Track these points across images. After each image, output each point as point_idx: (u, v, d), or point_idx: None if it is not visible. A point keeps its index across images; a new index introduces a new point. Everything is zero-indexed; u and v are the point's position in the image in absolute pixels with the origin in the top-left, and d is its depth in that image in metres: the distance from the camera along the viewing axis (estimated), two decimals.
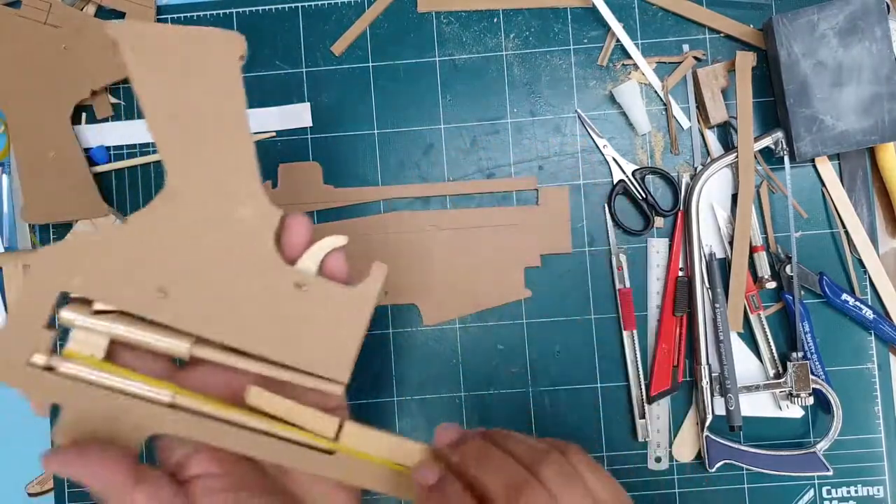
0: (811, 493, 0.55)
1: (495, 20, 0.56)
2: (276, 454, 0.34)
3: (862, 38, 0.50)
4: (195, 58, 0.34)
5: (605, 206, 0.56)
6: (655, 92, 0.56)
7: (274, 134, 0.57)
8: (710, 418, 0.53)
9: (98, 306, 0.35)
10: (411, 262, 0.55)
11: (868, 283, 0.55)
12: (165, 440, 0.35)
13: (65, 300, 0.35)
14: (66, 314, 0.34)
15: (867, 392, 0.55)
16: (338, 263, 0.36)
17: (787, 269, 0.54)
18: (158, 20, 0.57)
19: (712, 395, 0.54)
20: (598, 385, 0.56)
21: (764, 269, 0.54)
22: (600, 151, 0.56)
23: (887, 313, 0.54)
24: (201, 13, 0.57)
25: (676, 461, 0.55)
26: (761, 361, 0.55)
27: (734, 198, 0.54)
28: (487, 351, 0.56)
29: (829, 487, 0.55)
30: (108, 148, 0.57)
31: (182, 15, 0.57)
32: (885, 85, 0.50)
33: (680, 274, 0.55)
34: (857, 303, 0.54)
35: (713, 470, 0.53)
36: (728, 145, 0.55)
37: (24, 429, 0.58)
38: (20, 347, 0.34)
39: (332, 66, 0.57)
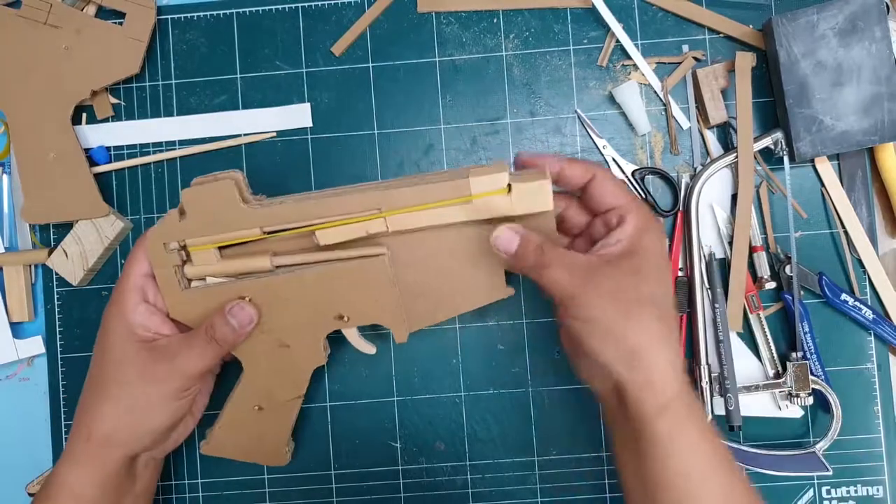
0: (811, 492, 0.55)
1: (495, 20, 0.57)
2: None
3: (861, 38, 0.50)
4: None
5: None
6: (655, 92, 0.56)
7: (274, 134, 0.57)
8: (709, 418, 0.53)
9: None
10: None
11: (868, 283, 0.55)
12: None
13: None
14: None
15: (866, 392, 0.55)
16: None
17: (787, 269, 0.54)
18: (159, 20, 0.57)
19: (712, 395, 0.54)
20: None
21: (763, 270, 0.54)
22: (600, 152, 0.56)
23: (887, 313, 0.55)
24: (201, 13, 0.57)
25: None
26: (761, 361, 0.55)
27: (734, 198, 0.54)
28: (487, 351, 0.56)
29: (828, 487, 0.55)
30: (108, 148, 0.57)
31: (182, 15, 0.57)
32: (885, 85, 0.50)
33: (680, 274, 0.55)
34: (857, 303, 0.54)
35: None
36: (728, 145, 0.55)
37: (24, 429, 0.58)
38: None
39: (332, 66, 0.57)
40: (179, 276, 0.48)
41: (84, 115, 0.57)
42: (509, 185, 0.44)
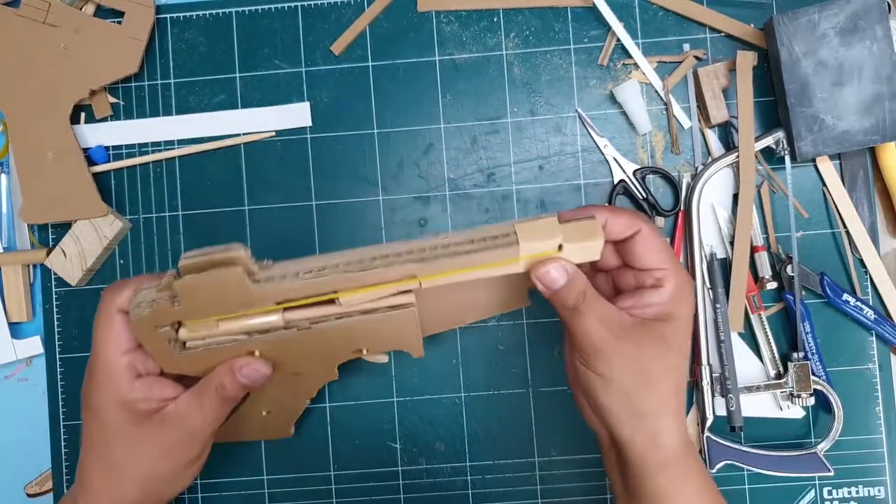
0: (812, 493, 0.54)
1: (495, 20, 0.56)
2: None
3: (863, 37, 0.50)
4: None
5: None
6: (656, 91, 0.56)
7: (273, 133, 0.57)
8: (710, 419, 0.53)
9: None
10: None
11: (869, 283, 0.55)
12: None
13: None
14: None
15: (868, 392, 0.55)
16: None
17: (788, 269, 0.54)
18: (158, 20, 0.57)
19: (713, 396, 0.53)
20: None
21: (765, 269, 0.54)
22: (601, 151, 0.56)
23: (888, 313, 0.54)
24: (200, 12, 0.57)
25: None
26: (762, 362, 0.55)
27: (735, 198, 0.54)
28: (487, 351, 0.56)
29: (830, 488, 0.54)
30: (107, 148, 0.57)
31: (181, 14, 0.57)
32: (886, 84, 0.50)
33: None
34: (858, 303, 0.54)
35: (714, 471, 0.53)
36: (729, 145, 0.55)
37: (23, 429, 0.58)
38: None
39: (332, 65, 0.57)
40: (173, 345, 0.42)
41: (83, 115, 0.57)
42: (560, 246, 0.40)
